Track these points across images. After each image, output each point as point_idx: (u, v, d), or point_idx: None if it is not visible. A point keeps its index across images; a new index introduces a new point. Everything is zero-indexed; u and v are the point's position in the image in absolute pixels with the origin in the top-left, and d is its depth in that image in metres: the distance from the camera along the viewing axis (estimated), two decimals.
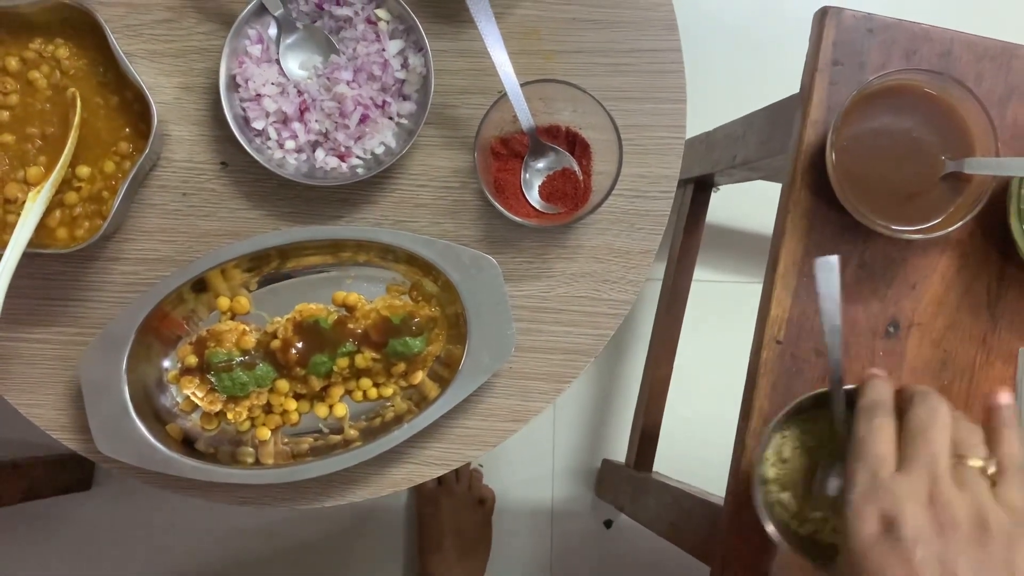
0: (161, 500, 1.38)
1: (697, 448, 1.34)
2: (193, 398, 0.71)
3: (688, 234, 1.26)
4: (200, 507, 1.39)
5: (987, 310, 0.74)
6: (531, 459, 1.45)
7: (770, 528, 0.64)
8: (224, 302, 0.73)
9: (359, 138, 0.72)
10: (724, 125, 1.09)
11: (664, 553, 1.33)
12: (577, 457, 1.46)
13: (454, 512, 1.37)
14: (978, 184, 0.68)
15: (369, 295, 0.74)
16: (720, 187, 1.32)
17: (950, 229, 0.68)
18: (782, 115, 0.86)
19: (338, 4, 0.72)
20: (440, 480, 1.38)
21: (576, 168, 0.74)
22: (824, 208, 0.73)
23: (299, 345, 0.70)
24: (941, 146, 0.69)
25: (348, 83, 0.71)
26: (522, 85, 0.69)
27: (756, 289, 0.75)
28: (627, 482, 1.26)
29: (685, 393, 1.35)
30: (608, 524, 1.45)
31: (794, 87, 0.79)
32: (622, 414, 1.46)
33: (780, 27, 1.48)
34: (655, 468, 1.26)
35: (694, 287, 1.28)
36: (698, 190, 1.26)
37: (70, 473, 1.36)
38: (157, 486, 0.74)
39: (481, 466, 1.43)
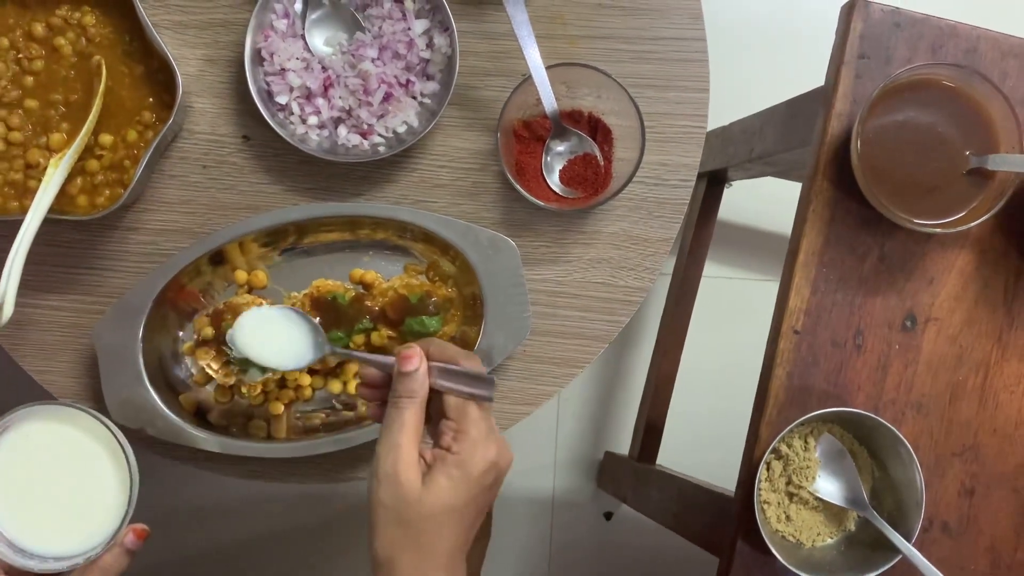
0: (160, 474, 1.37)
1: (700, 443, 1.34)
2: (208, 370, 0.71)
3: (700, 228, 1.26)
4: (201, 483, 1.38)
5: (1004, 307, 0.74)
6: (533, 449, 1.45)
7: None
8: (242, 275, 0.73)
9: (382, 116, 0.72)
10: (741, 119, 1.09)
11: (663, 546, 1.33)
12: (579, 448, 1.46)
13: None
14: (1001, 181, 0.68)
15: (386, 273, 0.74)
16: (732, 183, 1.31)
17: (971, 224, 0.68)
18: (803, 109, 0.85)
19: None
20: None
21: (597, 153, 0.74)
22: (845, 199, 0.73)
23: (316, 320, 0.70)
24: (965, 142, 0.69)
25: (373, 61, 0.71)
26: (547, 68, 0.69)
27: (765, 286, 0.75)
28: (630, 473, 1.26)
29: (690, 388, 1.35)
30: (608, 516, 1.45)
31: (807, 85, 0.79)
32: (626, 407, 1.45)
33: (795, 24, 1.47)
34: (658, 462, 1.26)
35: (703, 282, 1.28)
36: (711, 184, 1.26)
37: None
38: (168, 457, 0.74)
39: None
